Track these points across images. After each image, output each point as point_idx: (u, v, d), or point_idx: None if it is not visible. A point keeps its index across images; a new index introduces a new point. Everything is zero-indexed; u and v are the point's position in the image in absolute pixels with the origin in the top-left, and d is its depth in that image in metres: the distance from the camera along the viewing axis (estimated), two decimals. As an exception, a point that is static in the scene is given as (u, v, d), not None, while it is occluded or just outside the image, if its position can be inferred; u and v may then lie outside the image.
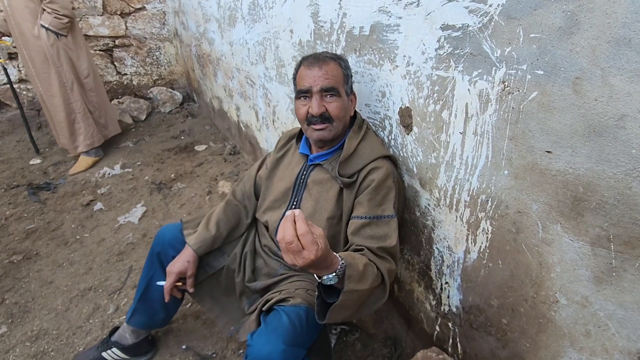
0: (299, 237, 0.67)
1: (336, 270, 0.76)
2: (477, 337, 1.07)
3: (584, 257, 0.72)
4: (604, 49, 0.59)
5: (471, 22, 0.80)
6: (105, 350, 1.33)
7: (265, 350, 0.86)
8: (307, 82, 1.00)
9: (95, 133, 2.81)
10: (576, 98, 0.65)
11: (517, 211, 0.83)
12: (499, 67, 0.77)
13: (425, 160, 1.06)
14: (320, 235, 0.71)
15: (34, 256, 1.94)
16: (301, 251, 0.68)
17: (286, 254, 0.70)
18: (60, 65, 2.55)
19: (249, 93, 2.36)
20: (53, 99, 2.61)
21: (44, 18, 2.41)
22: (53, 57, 2.50)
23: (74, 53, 2.63)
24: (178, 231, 1.22)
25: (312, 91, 1.00)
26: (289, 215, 0.69)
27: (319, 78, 0.99)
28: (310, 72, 1.01)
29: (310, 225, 0.70)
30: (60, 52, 2.52)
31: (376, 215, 0.96)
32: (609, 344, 0.72)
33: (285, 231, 0.68)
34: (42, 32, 2.43)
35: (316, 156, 1.09)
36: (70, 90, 2.64)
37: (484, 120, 0.84)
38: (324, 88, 0.99)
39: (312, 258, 0.68)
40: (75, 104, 2.68)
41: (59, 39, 2.50)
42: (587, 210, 0.69)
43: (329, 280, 0.77)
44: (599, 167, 0.65)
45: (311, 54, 1.08)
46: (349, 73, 1.07)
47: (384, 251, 0.93)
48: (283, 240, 0.68)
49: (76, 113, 2.70)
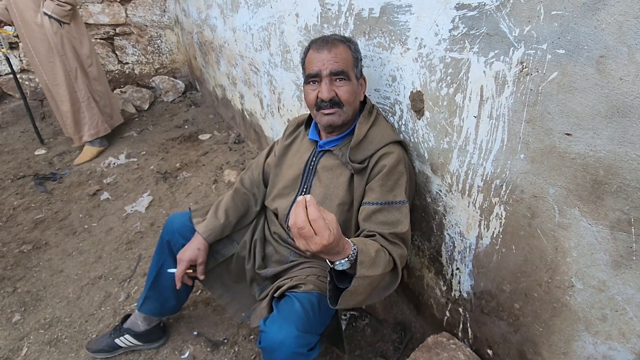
0: (311, 222, 0.67)
1: (348, 255, 0.76)
2: (488, 322, 1.07)
3: (602, 241, 0.71)
4: (632, 25, 0.56)
5: (488, 1, 0.77)
6: (118, 337, 1.34)
7: (279, 336, 0.86)
8: (316, 66, 0.98)
9: (101, 123, 2.79)
10: (599, 78, 0.63)
11: (533, 195, 0.81)
12: (517, 47, 0.74)
13: (437, 145, 1.04)
14: (332, 220, 0.70)
15: (44, 245, 1.96)
16: (313, 236, 0.67)
17: (298, 240, 0.69)
18: (64, 53, 2.52)
19: (253, 80, 2.33)
20: (59, 88, 2.59)
21: (46, 5, 2.37)
22: (57, 46, 2.47)
23: (77, 41, 2.59)
24: (187, 219, 1.22)
25: (321, 75, 0.98)
26: (300, 201, 0.68)
27: (329, 62, 0.97)
28: (319, 55, 0.98)
29: (322, 210, 0.69)
30: (64, 40, 2.49)
31: (388, 201, 0.95)
32: (626, 328, 0.72)
33: (297, 216, 0.67)
34: (45, 20, 2.39)
35: (326, 142, 1.08)
36: (75, 79, 2.62)
37: (500, 103, 0.82)
38: (334, 72, 0.97)
39: (324, 243, 0.67)
40: (80, 92, 2.66)
41: (62, 27, 2.47)
42: (607, 194, 0.67)
43: (341, 266, 0.76)
44: (621, 149, 0.63)
45: (320, 37, 1.05)
46: (359, 56, 1.05)
47: (396, 237, 0.93)
48: (295, 226, 0.67)
49: (80, 102, 2.68)
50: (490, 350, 1.10)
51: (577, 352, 0.83)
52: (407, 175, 1.00)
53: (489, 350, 1.10)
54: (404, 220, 0.94)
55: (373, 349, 1.36)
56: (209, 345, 1.41)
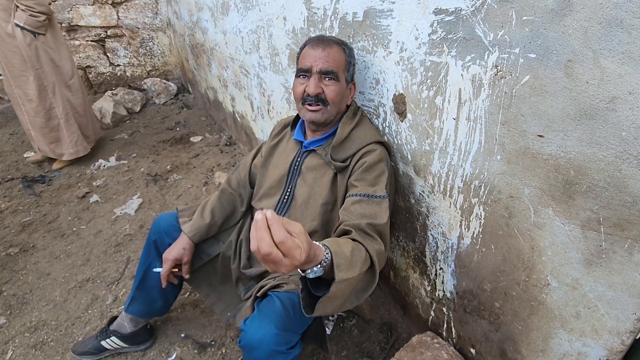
0: (278, 245, 0.57)
1: (321, 261, 0.69)
2: (471, 321, 1.09)
3: (574, 240, 0.73)
4: (596, 31, 0.59)
5: (464, 6, 0.79)
6: (104, 339, 1.34)
7: (257, 334, 0.86)
8: (308, 62, 1.01)
9: (80, 141, 2.60)
10: (568, 81, 0.65)
11: (510, 196, 0.83)
12: (492, 51, 0.76)
13: (419, 147, 1.06)
14: (300, 232, 0.61)
15: (31, 248, 1.94)
16: (282, 259, 0.58)
17: (265, 264, 0.60)
18: (40, 67, 2.30)
19: (244, 83, 2.34)
20: (31, 103, 2.37)
21: (18, 16, 2.13)
22: (32, 59, 2.25)
23: (56, 53, 2.37)
24: (174, 219, 1.23)
25: (312, 71, 1.01)
26: (260, 220, 0.57)
27: (321, 59, 1.00)
28: (313, 52, 1.01)
29: (286, 222, 0.60)
30: (39, 52, 2.27)
31: (368, 193, 0.94)
32: (599, 325, 0.74)
33: (260, 241, 0.56)
34: (18, 31, 2.16)
35: (310, 142, 1.09)
36: (52, 93, 2.39)
37: (477, 105, 0.84)
38: (324, 70, 1.00)
39: (295, 264, 0.59)
40: (58, 109, 2.44)
41: (37, 38, 2.24)
42: (578, 194, 0.69)
43: (314, 274, 0.69)
44: (589, 150, 0.65)
45: (318, 35, 1.09)
46: (352, 61, 1.07)
47: (373, 229, 0.89)
48: (259, 252, 0.57)
49: (59, 119, 2.46)
50: (473, 349, 1.11)
51: (554, 349, 0.85)
52: (388, 173, 1.01)
53: (472, 349, 1.12)
54: (383, 215, 0.92)
55: (359, 350, 1.37)
56: (197, 347, 1.41)
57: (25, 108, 2.42)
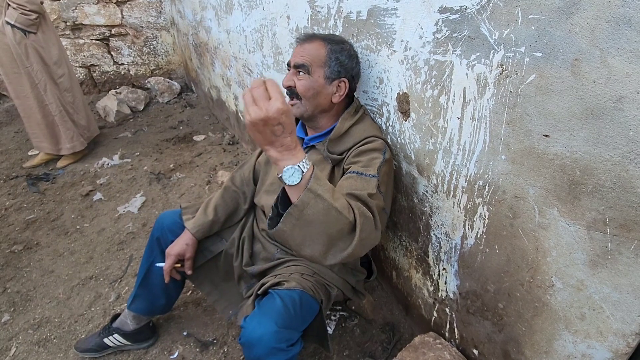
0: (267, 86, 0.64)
1: (299, 162, 0.68)
2: (474, 321, 1.08)
3: (579, 240, 0.72)
4: (603, 29, 0.58)
5: (469, 4, 0.78)
6: (107, 337, 1.34)
7: (257, 332, 0.86)
8: (291, 57, 1.05)
9: (76, 137, 2.64)
10: (574, 80, 0.64)
11: (514, 196, 0.82)
12: (497, 50, 0.76)
13: (422, 146, 1.05)
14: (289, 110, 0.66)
15: (35, 246, 1.95)
16: (267, 100, 0.63)
17: (251, 106, 0.63)
18: (29, 65, 2.32)
19: (247, 82, 2.34)
20: (27, 100, 2.42)
21: (9, 14, 2.15)
22: (21, 57, 2.27)
23: (46, 51, 2.39)
24: (177, 217, 1.23)
25: (290, 65, 1.05)
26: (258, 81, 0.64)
27: (297, 54, 1.03)
28: (296, 47, 1.05)
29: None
30: (29, 50, 2.29)
31: (359, 171, 0.92)
32: (604, 327, 0.73)
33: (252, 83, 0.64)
34: (8, 29, 2.18)
35: (310, 138, 1.10)
36: (44, 91, 2.43)
37: (482, 104, 0.83)
38: (296, 64, 1.02)
39: (278, 106, 0.62)
40: (51, 106, 2.48)
41: (27, 37, 2.26)
42: (583, 194, 0.69)
43: (291, 175, 0.68)
44: (596, 150, 0.64)
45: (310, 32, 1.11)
46: (339, 57, 1.02)
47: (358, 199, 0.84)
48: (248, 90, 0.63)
49: (53, 116, 2.51)
50: (476, 350, 1.11)
51: (558, 350, 0.84)
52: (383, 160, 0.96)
53: (475, 350, 1.11)
54: (371, 190, 0.87)
55: (362, 349, 1.37)
56: (199, 345, 1.41)
57: (21, 106, 2.47)
